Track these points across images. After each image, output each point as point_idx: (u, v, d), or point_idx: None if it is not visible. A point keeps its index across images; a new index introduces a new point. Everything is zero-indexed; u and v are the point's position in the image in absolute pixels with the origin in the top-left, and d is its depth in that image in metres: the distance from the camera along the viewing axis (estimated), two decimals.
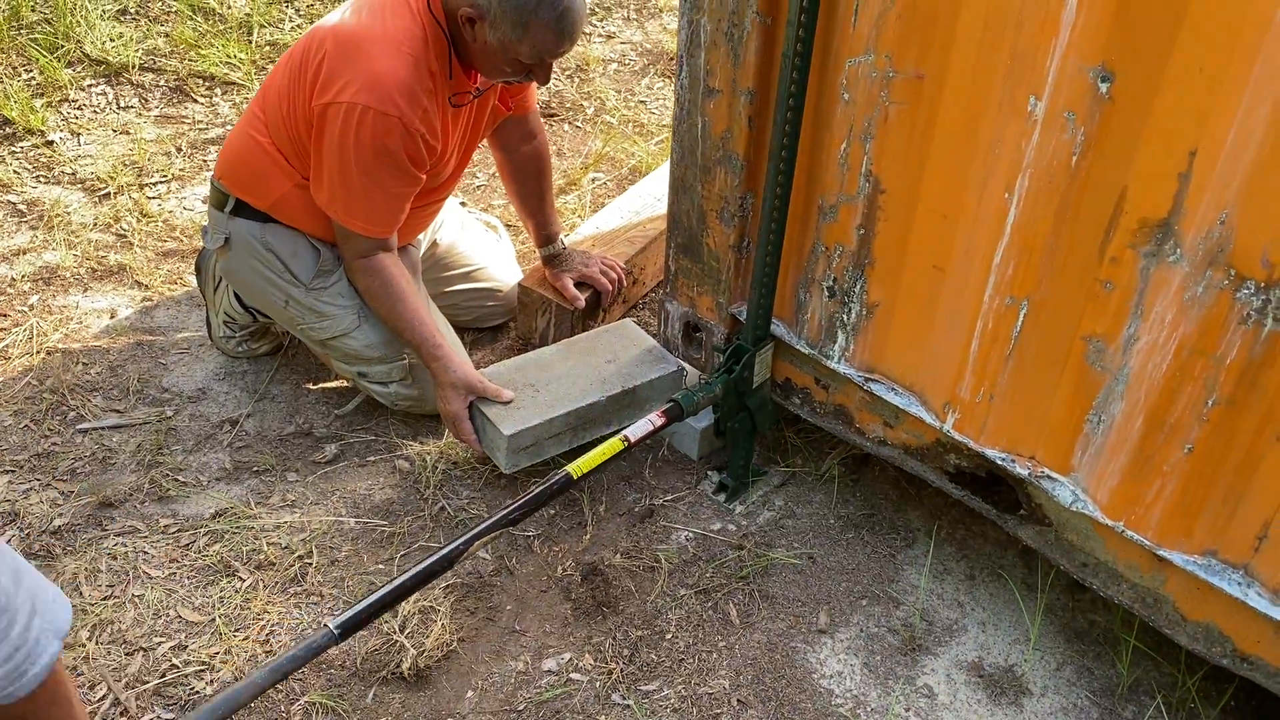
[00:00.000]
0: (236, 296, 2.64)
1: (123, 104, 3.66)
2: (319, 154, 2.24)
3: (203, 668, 2.05)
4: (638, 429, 2.19)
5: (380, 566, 2.26)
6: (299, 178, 2.34)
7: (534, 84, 2.57)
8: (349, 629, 1.82)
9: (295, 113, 2.26)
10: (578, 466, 2.09)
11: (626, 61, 4.22)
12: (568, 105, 3.92)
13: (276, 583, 2.22)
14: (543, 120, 3.77)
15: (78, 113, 3.59)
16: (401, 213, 2.33)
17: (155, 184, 3.34)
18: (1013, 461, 1.96)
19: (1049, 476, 1.93)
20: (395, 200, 2.29)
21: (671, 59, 4.18)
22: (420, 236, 2.70)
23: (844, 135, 1.93)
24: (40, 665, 1.28)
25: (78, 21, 3.77)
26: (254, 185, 2.39)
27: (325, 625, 1.81)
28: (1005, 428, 1.96)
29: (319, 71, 2.18)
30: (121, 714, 1.97)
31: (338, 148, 2.19)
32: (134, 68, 3.74)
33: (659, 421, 2.20)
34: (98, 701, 1.98)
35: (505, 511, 2.01)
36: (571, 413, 2.37)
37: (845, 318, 2.11)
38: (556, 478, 2.07)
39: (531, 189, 2.72)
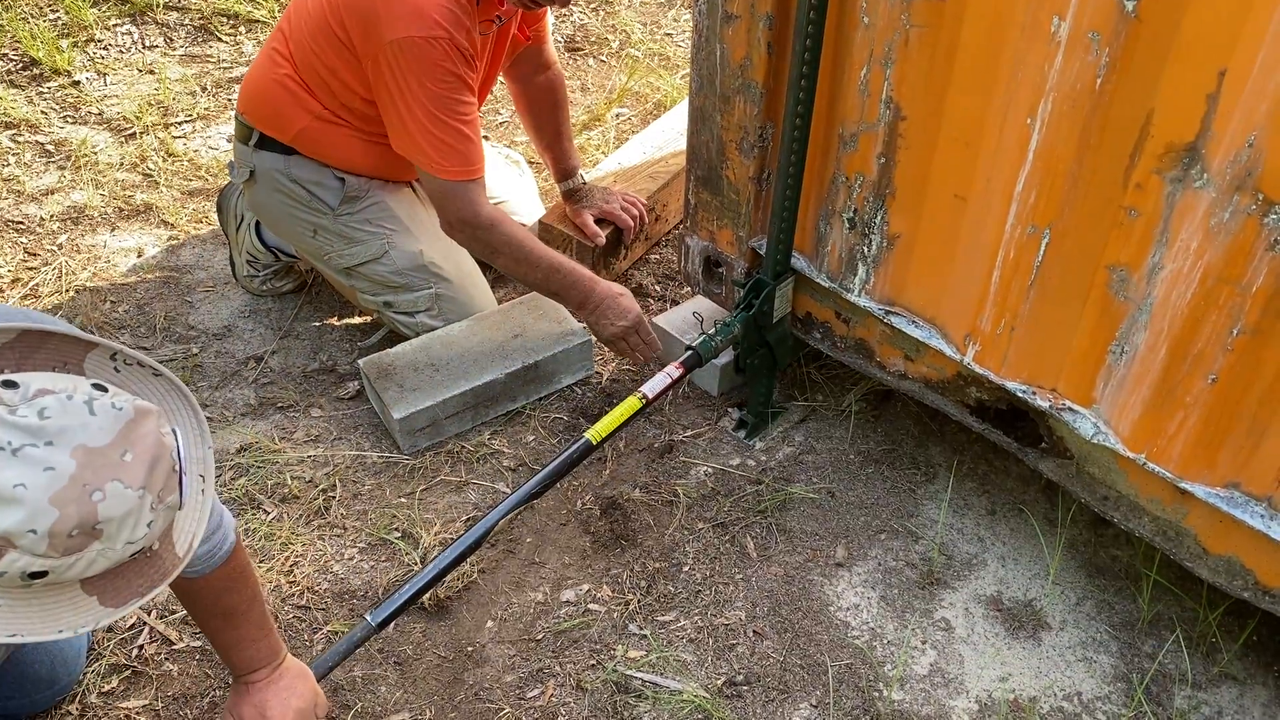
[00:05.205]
0: (258, 235, 2.65)
1: (148, 43, 3.66)
2: (383, 103, 2.20)
3: None
4: (655, 384, 2.16)
5: (402, 500, 2.29)
6: (320, 109, 2.33)
7: (548, 16, 2.54)
8: (387, 621, 1.86)
9: (325, 49, 2.23)
10: (597, 431, 2.07)
11: None
12: (592, 39, 3.86)
13: (301, 515, 2.25)
14: (567, 54, 3.74)
15: (103, 53, 3.60)
16: (481, 145, 2.26)
17: (180, 123, 3.35)
18: (1034, 394, 1.94)
19: (1070, 409, 1.90)
20: (472, 129, 2.22)
21: None
22: None
23: (864, 61, 1.88)
24: (230, 543, 1.58)
25: None
26: (275, 119, 2.38)
27: (364, 619, 1.84)
28: (1026, 360, 1.93)
29: (356, 9, 2.14)
30: (151, 640, 2.02)
31: (400, 87, 2.14)
32: (159, 7, 3.73)
33: (676, 373, 2.18)
34: (128, 630, 2.03)
35: (528, 487, 2.00)
36: (468, 392, 2.37)
37: (866, 250, 2.08)
38: (577, 445, 2.05)
39: (548, 120, 2.69)
